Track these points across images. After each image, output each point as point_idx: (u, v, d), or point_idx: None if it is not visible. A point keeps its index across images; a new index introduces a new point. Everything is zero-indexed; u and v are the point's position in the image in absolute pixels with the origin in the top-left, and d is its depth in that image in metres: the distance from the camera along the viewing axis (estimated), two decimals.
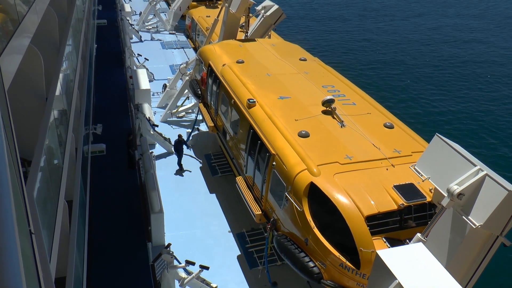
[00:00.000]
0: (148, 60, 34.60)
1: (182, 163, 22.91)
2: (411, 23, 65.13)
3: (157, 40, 42.77)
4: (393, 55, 52.55)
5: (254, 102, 17.23)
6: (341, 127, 15.52)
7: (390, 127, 15.93)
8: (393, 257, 7.59)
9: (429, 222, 9.74)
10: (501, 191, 8.08)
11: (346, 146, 14.48)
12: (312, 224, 12.91)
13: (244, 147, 17.44)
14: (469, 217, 8.51)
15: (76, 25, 16.41)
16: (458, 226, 8.89)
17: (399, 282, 7.10)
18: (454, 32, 61.56)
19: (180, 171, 22.85)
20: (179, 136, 22.41)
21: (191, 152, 24.71)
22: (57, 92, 9.83)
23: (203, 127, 25.96)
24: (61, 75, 10.60)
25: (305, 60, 21.78)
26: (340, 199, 12.54)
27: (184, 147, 22.87)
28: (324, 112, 16.29)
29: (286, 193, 13.83)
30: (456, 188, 8.53)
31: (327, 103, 16.25)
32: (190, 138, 24.93)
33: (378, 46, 55.60)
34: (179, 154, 22.52)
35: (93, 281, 13.14)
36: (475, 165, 8.65)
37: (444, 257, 9.09)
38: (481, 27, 63.87)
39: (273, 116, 16.21)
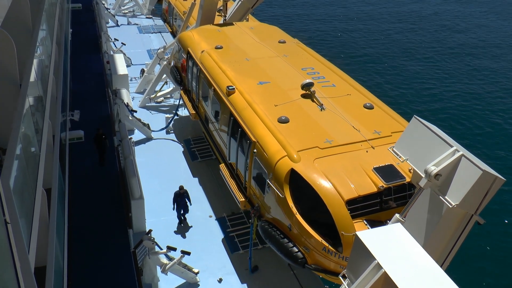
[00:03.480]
0: (125, 45, 34.08)
1: (185, 216, 18.68)
2: (394, 5, 65.23)
3: (133, 24, 42.15)
4: (375, 37, 52.72)
5: (234, 89, 17.12)
6: (321, 110, 15.55)
7: (370, 107, 16.01)
8: (372, 238, 7.70)
9: (407, 203, 9.91)
10: (476, 171, 8.25)
11: (326, 129, 14.53)
12: (294, 210, 13.00)
13: (225, 134, 17.38)
14: (446, 197, 8.67)
15: (49, 10, 16.03)
16: (435, 206, 9.06)
17: (378, 262, 7.21)
18: (437, 12, 61.98)
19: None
20: (181, 188, 18.11)
21: (172, 137, 24.59)
22: (32, 78, 9.62)
23: (181, 112, 25.79)
24: (35, 61, 10.36)
25: (284, 42, 21.69)
26: (321, 184, 12.62)
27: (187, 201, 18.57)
28: (304, 96, 16.30)
29: (268, 180, 13.87)
30: (434, 169, 8.67)
31: (306, 86, 16.25)
32: (171, 124, 24.76)
33: (359, 27, 55.68)
34: (179, 208, 18.30)
35: (74, 270, 13.05)
36: (451, 146, 8.79)
37: (422, 236, 9.26)
38: (464, 8, 64.40)
39: (253, 102, 16.15)
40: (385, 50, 48.65)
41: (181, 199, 18.09)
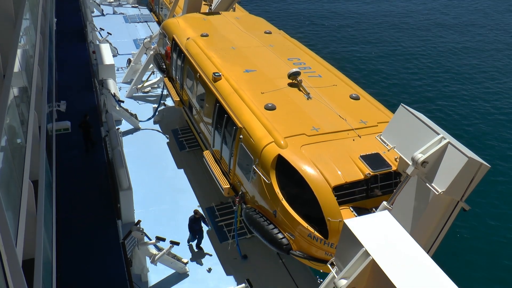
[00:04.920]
0: (111, 34, 33.77)
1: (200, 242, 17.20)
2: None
3: (119, 14, 41.75)
4: (361, 31, 52.75)
5: (220, 75, 17.07)
6: (307, 99, 15.57)
7: (356, 98, 16.07)
8: (360, 225, 7.75)
9: (394, 191, 9.99)
10: (462, 158, 8.34)
11: (312, 118, 14.56)
12: (280, 196, 13.03)
13: (210, 121, 17.33)
14: (432, 184, 8.76)
15: None
16: (422, 193, 9.15)
17: (366, 250, 7.27)
18: (425, 5, 62.07)
19: None
20: (196, 212, 16.59)
21: (160, 127, 24.51)
22: (16, 69, 9.49)
23: (169, 102, 25.68)
24: (19, 51, 10.21)
25: (270, 33, 21.64)
26: (307, 170, 12.66)
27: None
28: (290, 85, 16.30)
29: (253, 166, 13.87)
30: (420, 157, 8.74)
31: (293, 75, 16.25)
32: (157, 113, 24.64)
33: (344, 18, 55.67)
34: (194, 234, 16.84)
35: (63, 262, 13.02)
36: (438, 134, 8.86)
37: (409, 224, 9.36)
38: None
39: (239, 89, 16.12)
40: (371, 43, 48.73)
41: (196, 225, 16.61)
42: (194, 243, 17.14)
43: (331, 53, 42.73)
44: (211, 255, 16.81)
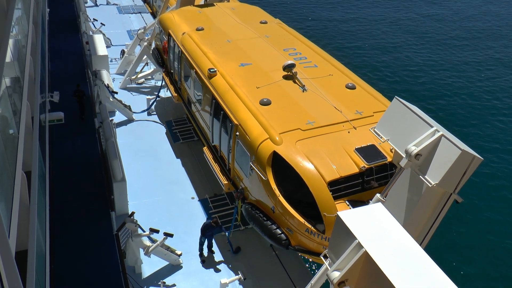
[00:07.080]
0: (104, 25, 33.52)
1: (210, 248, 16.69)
2: None
3: (113, 4, 41.39)
4: (359, 19, 52.62)
5: (215, 71, 17.00)
6: (303, 91, 15.54)
7: (352, 87, 16.04)
8: (353, 217, 7.76)
9: (388, 182, 10.02)
10: (455, 151, 8.36)
11: (307, 111, 14.55)
12: (277, 192, 13.07)
13: (208, 117, 17.32)
14: (426, 177, 8.79)
15: None
16: (416, 185, 9.18)
17: (359, 242, 7.29)
18: None
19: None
20: (213, 218, 16.09)
21: (154, 118, 24.42)
22: (8, 59, 9.40)
23: (163, 94, 25.59)
24: (11, 41, 10.12)
25: (265, 23, 21.55)
26: (302, 166, 12.69)
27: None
28: (285, 77, 16.26)
29: (250, 163, 13.90)
30: (414, 149, 8.76)
31: (288, 68, 16.21)
32: (153, 106, 24.57)
33: (341, 8, 55.53)
34: (204, 239, 16.27)
35: (56, 253, 12.98)
36: (432, 126, 8.88)
37: (402, 216, 9.40)
38: None
39: (235, 85, 16.07)
40: (369, 32, 48.67)
41: (209, 231, 16.03)
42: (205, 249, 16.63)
43: (329, 44, 42.60)
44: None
